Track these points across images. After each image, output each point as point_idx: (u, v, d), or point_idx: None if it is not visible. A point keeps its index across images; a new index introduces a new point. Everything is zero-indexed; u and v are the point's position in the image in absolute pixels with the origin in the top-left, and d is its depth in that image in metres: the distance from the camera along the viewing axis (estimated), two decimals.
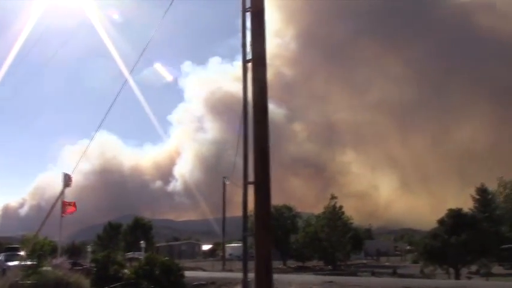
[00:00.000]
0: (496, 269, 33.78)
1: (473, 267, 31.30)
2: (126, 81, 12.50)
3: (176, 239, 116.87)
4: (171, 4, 10.33)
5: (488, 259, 30.67)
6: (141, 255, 35.09)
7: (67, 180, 18.76)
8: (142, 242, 47.92)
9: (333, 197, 44.78)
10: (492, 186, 57.37)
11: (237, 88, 8.69)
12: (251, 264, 7.93)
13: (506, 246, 38.00)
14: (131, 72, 13.20)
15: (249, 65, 8.34)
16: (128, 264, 23.22)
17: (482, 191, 47.15)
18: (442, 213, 31.81)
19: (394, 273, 35.74)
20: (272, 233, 7.59)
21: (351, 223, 50.96)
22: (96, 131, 13.49)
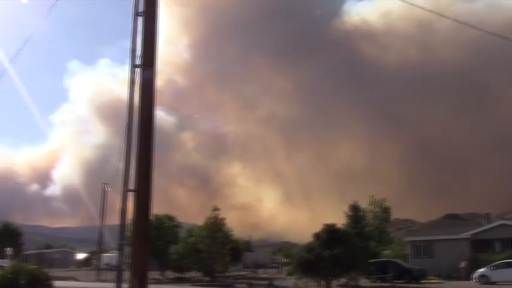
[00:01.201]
0: (363, 281, 36.01)
1: (343, 280, 33.05)
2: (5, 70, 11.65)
3: (49, 247, 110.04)
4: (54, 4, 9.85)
5: (356, 272, 32.53)
6: (6, 263, 32.51)
7: None
8: (8, 249, 44.47)
9: (216, 209, 45.00)
10: (365, 203, 61.36)
11: (126, 92, 8.47)
12: (128, 275, 7.72)
13: (373, 260, 40.72)
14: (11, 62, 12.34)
15: (138, 70, 8.20)
16: None
17: (354, 208, 50.08)
18: (320, 227, 33.25)
19: (270, 285, 36.70)
20: (149, 243, 7.45)
21: (232, 235, 51.59)
22: None
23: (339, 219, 46.74)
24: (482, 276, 35.91)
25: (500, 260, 37.47)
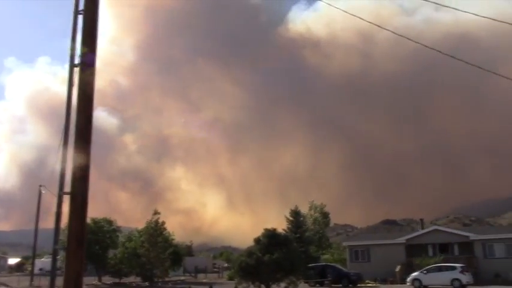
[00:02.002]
0: (303, 285, 36.50)
1: (283, 284, 33.35)
2: None
3: None
4: None
5: (296, 277, 32.90)
6: None
7: None
8: None
9: (156, 213, 44.36)
10: (306, 208, 62.39)
11: (65, 92, 8.24)
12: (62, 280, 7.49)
13: (313, 264, 41.42)
14: None
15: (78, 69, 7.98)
16: None
17: (295, 213, 50.85)
18: (261, 232, 33.40)
19: None
20: (85, 248, 7.25)
21: (172, 239, 51.05)
22: None
23: (280, 224, 47.28)
24: (415, 279, 37.26)
25: (432, 264, 39.06)
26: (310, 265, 39.99)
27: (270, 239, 31.90)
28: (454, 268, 36.68)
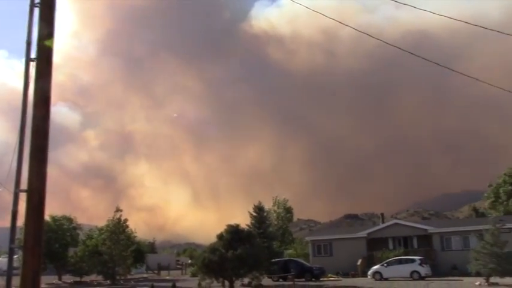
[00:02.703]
0: (266, 280, 36.74)
1: (246, 280, 33.51)
2: None
3: None
4: None
5: (259, 272, 33.11)
6: None
7: None
8: None
9: (118, 210, 43.77)
10: (271, 204, 62.78)
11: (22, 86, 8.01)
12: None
13: (276, 259, 41.70)
14: None
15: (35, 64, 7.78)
16: None
17: (259, 209, 51.01)
18: (225, 228, 33.39)
19: (174, 287, 36.34)
20: (42, 246, 7.10)
21: (135, 236, 50.56)
22: None
23: (245, 219, 47.37)
24: (376, 272, 38.04)
25: (392, 257, 39.94)
26: (273, 260, 40.25)
27: (233, 234, 32.01)
28: (413, 261, 37.60)
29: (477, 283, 30.36)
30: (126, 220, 44.16)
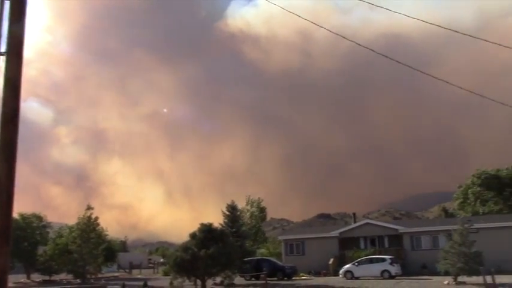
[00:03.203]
0: (238, 279, 36.75)
1: (218, 279, 33.47)
2: None
3: None
4: None
5: (231, 271, 33.11)
6: None
7: None
8: None
9: (89, 208, 43.22)
10: (244, 203, 62.80)
11: None
12: None
13: (248, 258, 41.74)
14: None
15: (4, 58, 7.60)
16: None
17: (232, 208, 50.88)
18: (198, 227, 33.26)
19: (145, 286, 36.11)
20: (10, 244, 6.96)
21: (106, 235, 50.04)
22: None
23: (219, 218, 47.22)
24: (347, 271, 38.42)
25: (363, 257, 40.40)
26: (246, 259, 40.29)
27: (206, 233, 31.93)
28: (384, 260, 38.10)
29: (445, 282, 30.95)
30: (97, 218, 43.67)
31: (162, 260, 74.62)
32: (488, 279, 24.11)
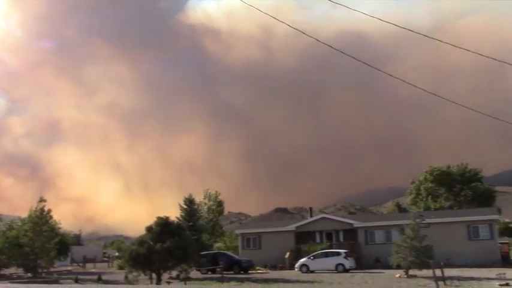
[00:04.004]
0: (194, 273, 36.62)
1: (174, 272, 33.24)
2: None
3: None
4: None
5: (188, 264, 32.94)
6: None
7: None
8: None
9: (42, 200, 42.09)
10: (201, 197, 62.50)
11: None
12: None
13: (205, 252, 41.62)
14: None
15: None
16: None
17: (189, 201, 50.59)
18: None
19: (99, 280, 35.49)
20: None
21: (59, 228, 49.02)
22: None
23: (176, 212, 46.85)
24: (303, 265, 38.90)
25: (319, 250, 40.98)
26: (202, 253, 40.16)
27: (162, 227, 31.65)
28: (338, 254, 38.76)
29: (397, 275, 31.76)
30: (50, 211, 42.60)
31: (117, 253, 73.52)
32: (438, 272, 24.86)
